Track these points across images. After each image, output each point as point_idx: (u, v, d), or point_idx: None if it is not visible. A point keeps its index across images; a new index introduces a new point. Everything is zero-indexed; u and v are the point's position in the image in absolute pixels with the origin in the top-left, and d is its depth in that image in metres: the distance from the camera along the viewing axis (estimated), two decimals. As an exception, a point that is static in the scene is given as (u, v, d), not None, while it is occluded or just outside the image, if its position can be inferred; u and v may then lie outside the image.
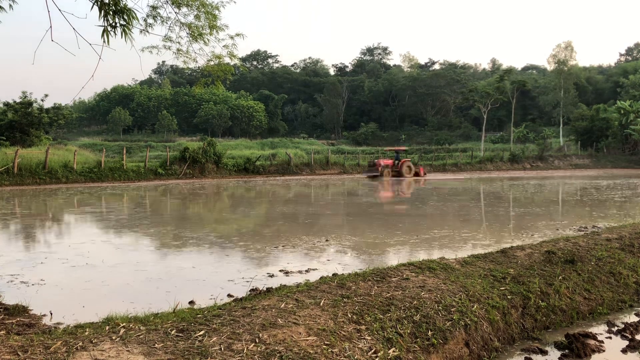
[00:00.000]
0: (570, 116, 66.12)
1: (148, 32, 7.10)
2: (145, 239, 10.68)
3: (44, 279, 7.01)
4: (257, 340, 3.63)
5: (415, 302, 4.77)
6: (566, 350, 4.73)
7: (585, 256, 6.84)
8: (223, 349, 3.47)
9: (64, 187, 25.10)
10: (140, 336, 3.62)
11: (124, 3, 5.08)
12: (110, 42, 4.98)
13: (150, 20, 7.20)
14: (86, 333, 3.73)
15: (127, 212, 15.86)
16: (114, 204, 18.75)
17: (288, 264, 8.03)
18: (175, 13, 7.39)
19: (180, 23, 7.54)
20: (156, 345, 3.47)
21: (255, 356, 3.42)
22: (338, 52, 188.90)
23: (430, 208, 16.63)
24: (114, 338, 3.57)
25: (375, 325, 4.23)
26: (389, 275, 5.51)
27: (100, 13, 4.89)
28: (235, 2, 8.15)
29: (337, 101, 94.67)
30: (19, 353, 3.27)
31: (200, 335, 3.66)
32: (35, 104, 35.60)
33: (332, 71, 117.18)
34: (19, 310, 5.22)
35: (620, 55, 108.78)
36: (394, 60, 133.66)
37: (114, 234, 11.43)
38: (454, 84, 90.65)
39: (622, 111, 57.34)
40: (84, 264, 8.02)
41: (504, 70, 68.74)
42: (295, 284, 5.80)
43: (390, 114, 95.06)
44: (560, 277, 6.06)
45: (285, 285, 6.01)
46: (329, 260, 8.31)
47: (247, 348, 3.50)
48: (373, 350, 3.89)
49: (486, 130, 62.09)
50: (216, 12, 7.74)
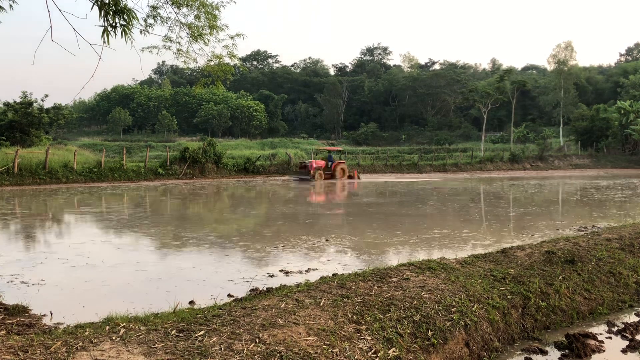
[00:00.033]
0: (570, 116, 66.07)
1: (148, 32, 7.12)
2: (145, 239, 10.68)
3: (44, 279, 7.01)
4: (257, 340, 3.63)
5: (415, 302, 4.77)
6: (566, 350, 4.73)
7: (585, 256, 6.84)
8: (223, 349, 3.47)
9: (64, 187, 25.09)
10: (141, 336, 3.62)
11: (124, 3, 5.08)
12: (110, 42, 4.99)
13: (150, 21, 7.22)
14: (86, 333, 3.73)
15: (127, 212, 15.86)
16: (114, 204, 18.74)
17: (288, 264, 8.04)
18: (176, 13, 7.40)
19: (181, 23, 7.55)
20: (156, 345, 3.47)
21: (256, 356, 3.42)
22: (338, 52, 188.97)
23: (430, 208, 16.63)
24: (114, 338, 3.57)
25: (375, 325, 4.23)
26: (389, 275, 5.51)
27: (100, 13, 4.89)
28: (235, 2, 8.17)
29: (337, 101, 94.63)
30: (19, 353, 3.27)
31: (200, 335, 3.66)
32: (35, 104, 35.56)
33: (332, 71, 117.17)
34: (19, 310, 5.23)
35: (620, 55, 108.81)
36: (394, 60, 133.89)
37: (114, 234, 11.42)
38: (454, 84, 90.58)
39: (622, 111, 57.32)
40: (84, 264, 8.02)
41: (504, 70, 68.60)
42: (295, 284, 5.81)
43: (390, 114, 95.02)
44: (560, 277, 6.06)
45: (285, 285, 6.02)
46: (329, 260, 8.32)
47: (247, 348, 3.50)
48: (373, 350, 3.89)
49: (486, 130, 62.04)
50: (216, 12, 7.76)
